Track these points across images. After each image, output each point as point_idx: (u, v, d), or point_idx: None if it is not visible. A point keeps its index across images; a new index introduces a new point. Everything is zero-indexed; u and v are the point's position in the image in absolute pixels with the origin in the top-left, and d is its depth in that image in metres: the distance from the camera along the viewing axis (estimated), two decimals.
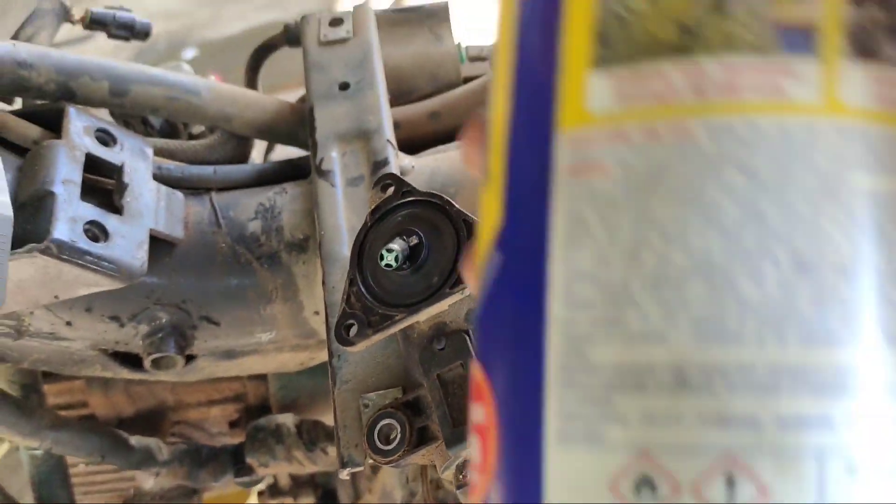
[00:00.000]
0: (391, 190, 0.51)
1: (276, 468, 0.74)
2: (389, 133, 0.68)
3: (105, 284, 0.56)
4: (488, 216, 0.21)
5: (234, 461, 0.75)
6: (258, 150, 0.88)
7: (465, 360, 0.46)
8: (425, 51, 0.88)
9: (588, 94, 0.18)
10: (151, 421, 0.82)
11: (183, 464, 0.75)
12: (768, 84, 0.17)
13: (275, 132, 0.75)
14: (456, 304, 0.47)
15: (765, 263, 0.16)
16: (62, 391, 0.81)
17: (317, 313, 0.65)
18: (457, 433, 0.44)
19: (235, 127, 0.73)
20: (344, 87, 0.71)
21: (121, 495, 0.98)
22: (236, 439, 0.83)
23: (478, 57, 0.91)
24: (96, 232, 0.56)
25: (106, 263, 0.55)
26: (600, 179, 0.18)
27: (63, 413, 0.79)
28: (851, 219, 0.16)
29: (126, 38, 0.78)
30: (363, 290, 0.49)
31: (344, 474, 0.51)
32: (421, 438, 0.47)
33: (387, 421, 0.48)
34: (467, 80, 0.85)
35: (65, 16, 0.77)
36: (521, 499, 0.18)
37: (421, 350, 0.48)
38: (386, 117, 0.69)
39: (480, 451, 0.19)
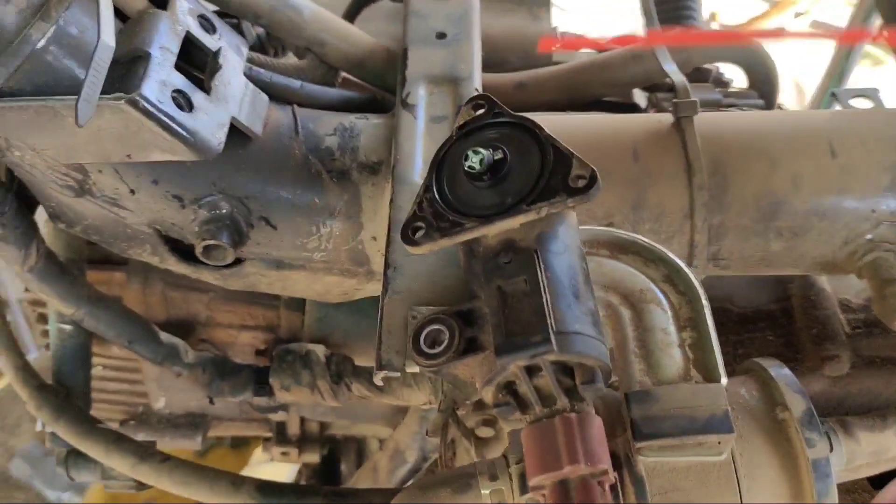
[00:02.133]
0: (482, 110, 0.51)
1: (298, 395, 0.72)
2: (478, 83, 0.68)
3: (179, 154, 0.56)
4: None
5: (256, 380, 0.74)
6: None
7: (529, 276, 0.45)
8: (522, 28, 0.89)
9: None
10: (179, 333, 0.81)
11: (206, 371, 0.74)
12: None
13: (364, 69, 0.75)
14: (528, 225, 0.46)
15: None
16: (101, 280, 0.80)
17: (374, 238, 0.64)
18: (509, 343, 0.43)
19: (327, 54, 0.74)
20: (441, 36, 0.72)
21: (128, 412, 0.97)
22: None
23: None
24: (182, 101, 0.56)
25: (184, 131, 0.55)
26: None
27: None
28: None
29: None
30: (437, 196, 0.48)
31: (378, 378, 0.50)
32: (468, 347, 0.45)
33: (435, 326, 0.47)
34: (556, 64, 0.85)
35: None
36: None
37: (485, 262, 0.47)
38: (477, 69, 0.70)
39: None
